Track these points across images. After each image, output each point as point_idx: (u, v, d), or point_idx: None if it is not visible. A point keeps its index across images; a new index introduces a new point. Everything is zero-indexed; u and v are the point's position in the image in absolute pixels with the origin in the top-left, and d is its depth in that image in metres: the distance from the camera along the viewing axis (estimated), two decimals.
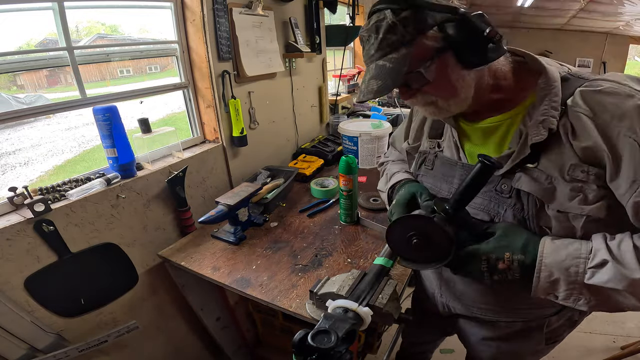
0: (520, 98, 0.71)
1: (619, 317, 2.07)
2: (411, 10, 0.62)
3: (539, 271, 0.64)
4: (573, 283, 0.62)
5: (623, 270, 0.57)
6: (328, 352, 0.60)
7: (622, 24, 5.49)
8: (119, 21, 1.48)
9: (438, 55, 0.64)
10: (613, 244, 0.60)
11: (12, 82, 1.25)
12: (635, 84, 0.61)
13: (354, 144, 2.01)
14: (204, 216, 1.29)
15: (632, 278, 0.56)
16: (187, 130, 1.68)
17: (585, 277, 0.61)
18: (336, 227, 1.43)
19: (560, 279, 0.63)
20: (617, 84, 0.61)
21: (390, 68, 0.64)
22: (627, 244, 0.59)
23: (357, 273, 0.93)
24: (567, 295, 0.64)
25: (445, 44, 0.63)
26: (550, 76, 0.67)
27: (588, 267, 0.61)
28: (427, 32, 0.63)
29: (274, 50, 1.85)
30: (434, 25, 0.63)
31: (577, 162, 0.63)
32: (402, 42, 0.63)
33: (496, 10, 5.61)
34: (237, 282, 1.15)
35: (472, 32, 0.62)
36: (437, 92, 0.69)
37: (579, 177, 0.62)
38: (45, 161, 1.87)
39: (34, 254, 1.04)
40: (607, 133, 0.59)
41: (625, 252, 0.58)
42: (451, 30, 0.62)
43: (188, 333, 1.66)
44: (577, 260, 0.62)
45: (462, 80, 0.67)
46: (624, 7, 4.50)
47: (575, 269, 0.62)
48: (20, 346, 1.01)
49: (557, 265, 0.63)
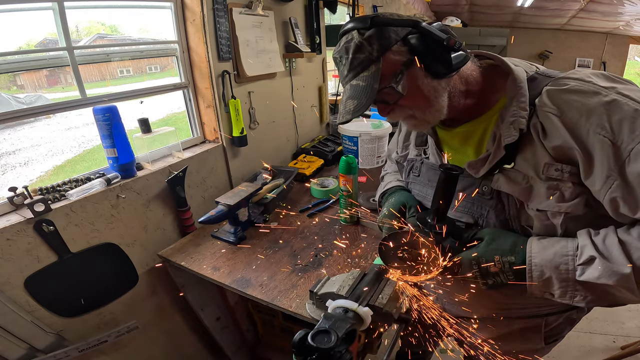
0: (493, 101, 0.72)
1: (619, 317, 2.07)
2: (375, 29, 0.65)
3: (530, 271, 0.65)
4: (565, 281, 0.63)
5: (612, 266, 0.57)
6: (328, 352, 0.60)
7: (622, 24, 5.49)
8: (119, 21, 1.48)
9: (406, 68, 0.66)
10: (598, 240, 0.60)
11: (12, 82, 1.25)
12: (600, 81, 0.62)
13: (354, 144, 2.01)
14: (204, 216, 1.29)
15: (622, 273, 0.57)
16: (187, 130, 1.68)
17: (577, 274, 0.61)
18: (336, 227, 1.43)
19: (553, 277, 0.64)
20: (582, 82, 0.62)
21: (363, 86, 0.66)
22: (611, 239, 0.59)
23: (357, 273, 0.93)
24: (563, 292, 0.64)
25: (411, 57, 0.66)
26: (516, 76, 0.68)
27: (577, 264, 0.61)
28: (392, 47, 0.65)
29: (274, 50, 1.85)
30: (397, 40, 0.65)
31: (550, 161, 0.64)
32: (371, 59, 0.66)
33: (496, 10, 5.61)
34: (237, 282, 1.15)
35: (434, 43, 0.64)
36: (412, 104, 0.70)
37: (554, 176, 0.63)
38: (45, 161, 1.87)
39: (34, 254, 1.04)
40: (576, 132, 0.60)
41: (612, 247, 0.58)
42: (414, 43, 0.65)
43: (188, 333, 1.66)
44: (566, 257, 0.62)
45: (433, 90, 0.68)
46: (624, 7, 4.50)
47: (565, 266, 0.62)
48: (20, 346, 1.01)
49: (547, 263, 0.64)
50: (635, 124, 0.55)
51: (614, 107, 0.57)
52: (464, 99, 0.73)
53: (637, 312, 2.11)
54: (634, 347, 1.79)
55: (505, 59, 0.72)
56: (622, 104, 0.57)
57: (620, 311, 2.09)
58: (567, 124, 0.60)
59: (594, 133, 0.58)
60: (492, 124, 0.71)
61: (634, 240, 0.57)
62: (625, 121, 0.56)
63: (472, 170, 0.74)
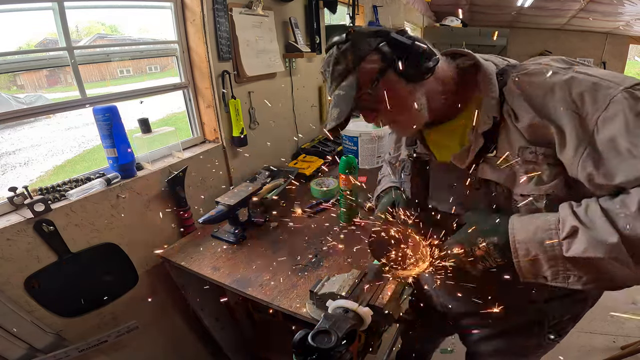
0: (471, 96, 0.76)
1: (619, 317, 2.07)
2: (350, 42, 0.72)
3: (515, 250, 0.65)
4: (553, 258, 0.62)
5: (597, 236, 0.56)
6: (328, 352, 0.60)
7: (622, 24, 5.49)
8: (119, 21, 1.49)
9: (381, 75, 0.71)
10: (580, 210, 0.60)
11: (12, 82, 1.25)
12: (558, 63, 0.67)
13: (354, 144, 2.01)
14: (204, 216, 1.29)
15: (608, 243, 0.55)
16: (187, 130, 1.68)
17: (563, 249, 0.60)
18: (336, 227, 1.43)
19: (540, 256, 0.63)
20: (541, 65, 0.68)
21: (344, 95, 0.72)
22: (594, 208, 0.58)
23: (357, 273, 0.93)
24: (554, 273, 0.63)
25: (385, 64, 0.71)
26: (485, 70, 0.73)
27: (562, 238, 0.60)
28: (366, 57, 0.71)
29: (274, 50, 1.85)
30: (371, 49, 0.71)
31: (525, 144, 0.67)
32: (348, 70, 0.72)
33: (496, 10, 5.61)
34: (237, 282, 1.15)
35: (404, 50, 0.70)
36: (391, 107, 0.74)
37: (529, 159, 0.67)
38: (45, 161, 1.87)
39: (34, 254, 1.04)
40: (544, 110, 0.64)
41: (595, 216, 0.57)
42: (386, 52, 0.71)
43: (188, 333, 1.66)
44: (549, 232, 0.61)
45: (410, 94, 0.73)
46: (624, 7, 4.50)
47: (549, 241, 0.61)
48: (20, 346, 1.01)
49: (530, 240, 0.63)
50: (596, 95, 0.59)
51: (573, 83, 0.61)
52: (444, 99, 0.77)
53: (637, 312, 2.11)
54: (634, 347, 1.79)
55: (476, 55, 0.76)
56: (580, 79, 0.61)
57: (620, 311, 2.09)
58: (534, 104, 0.65)
59: (559, 108, 0.62)
60: (471, 117, 0.75)
61: (616, 207, 0.56)
62: (586, 93, 0.60)
63: (457, 162, 0.77)
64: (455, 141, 0.79)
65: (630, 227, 0.53)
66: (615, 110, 0.57)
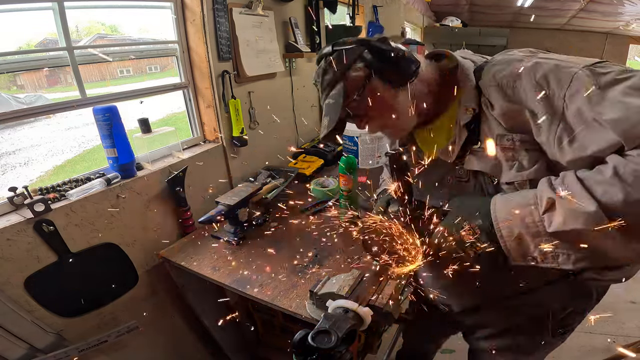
0: (453, 94, 0.79)
1: (619, 317, 2.07)
2: (336, 53, 0.77)
3: (499, 230, 0.65)
4: (537, 235, 0.61)
5: (574, 206, 0.55)
6: (328, 352, 0.61)
7: (622, 24, 5.49)
8: (119, 21, 1.49)
9: (367, 82, 0.76)
10: (557, 182, 0.60)
11: (12, 82, 1.25)
12: (523, 53, 0.72)
13: (354, 144, 2.01)
14: (204, 216, 1.29)
15: (586, 212, 0.54)
16: (187, 130, 1.68)
17: (545, 225, 0.60)
18: (336, 227, 1.43)
19: (524, 234, 0.62)
20: (508, 55, 0.73)
21: (333, 103, 0.77)
22: (570, 178, 0.58)
23: (357, 273, 0.93)
24: (542, 253, 0.62)
25: (369, 72, 0.76)
26: (462, 67, 0.78)
27: (542, 213, 0.60)
28: (351, 66, 0.76)
29: (274, 50, 1.85)
30: (355, 58, 0.76)
31: (502, 132, 0.71)
32: (336, 79, 0.77)
33: (496, 10, 5.61)
34: (237, 282, 1.15)
35: (385, 57, 0.74)
36: (380, 114, 0.79)
37: (507, 145, 0.70)
38: (45, 161, 1.87)
39: (34, 254, 1.04)
40: (515, 95, 0.67)
41: (571, 186, 0.57)
42: (369, 60, 0.75)
43: (188, 333, 1.66)
44: (529, 208, 0.62)
45: (394, 98, 0.77)
46: (624, 7, 4.50)
47: (530, 218, 0.61)
48: (20, 346, 1.01)
49: (513, 218, 0.63)
50: (559, 74, 0.62)
51: (537, 67, 0.65)
52: (429, 100, 0.81)
53: (638, 312, 2.12)
54: (634, 347, 1.79)
55: (455, 54, 0.81)
56: (543, 63, 0.65)
57: (621, 311, 2.10)
58: (505, 91, 0.68)
59: (528, 92, 0.65)
60: (454, 113, 0.79)
61: (593, 175, 0.56)
62: (550, 74, 0.63)
63: (445, 157, 0.81)
64: (442, 137, 0.83)
65: (607, 194, 0.53)
66: (578, 85, 0.59)
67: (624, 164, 0.52)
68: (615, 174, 0.52)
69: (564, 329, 0.92)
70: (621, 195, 0.51)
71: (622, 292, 2.14)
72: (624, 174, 0.51)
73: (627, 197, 0.51)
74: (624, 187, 0.51)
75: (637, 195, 0.51)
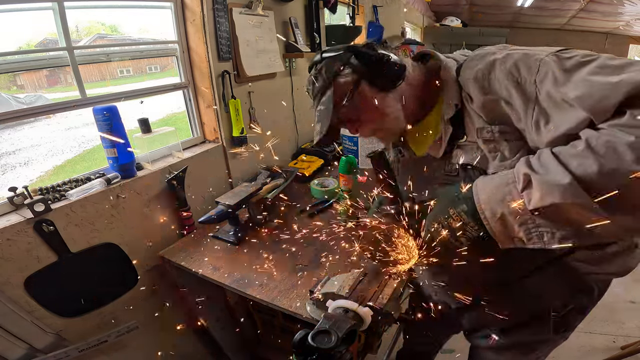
0: (439, 93, 0.82)
1: (619, 317, 2.07)
2: (324, 61, 0.80)
3: (482, 212, 0.64)
4: (519, 214, 0.61)
5: (549, 180, 0.55)
6: (328, 352, 0.61)
7: (622, 24, 5.49)
8: (119, 21, 1.48)
9: (355, 87, 0.78)
10: (533, 159, 0.60)
11: (12, 82, 1.25)
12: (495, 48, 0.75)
13: (354, 144, 2.01)
14: (204, 216, 1.29)
15: (560, 184, 0.54)
16: (187, 130, 1.68)
17: (525, 203, 0.59)
18: (336, 227, 1.43)
19: (506, 214, 0.62)
20: (483, 50, 0.76)
21: (323, 109, 0.79)
22: (546, 154, 0.58)
23: (357, 273, 0.93)
24: (527, 232, 0.62)
25: (356, 77, 0.78)
26: (445, 65, 0.80)
27: (520, 191, 0.60)
28: (339, 72, 0.79)
29: (274, 50, 1.85)
30: (342, 65, 0.79)
31: (482, 125, 0.73)
32: (325, 86, 0.80)
33: (496, 10, 5.61)
34: (237, 282, 1.15)
35: (371, 61, 0.76)
36: (370, 118, 0.81)
37: (487, 137, 0.72)
38: (45, 161, 1.87)
39: (34, 254, 1.04)
40: (490, 87, 0.69)
41: (547, 161, 0.57)
42: (356, 65, 0.78)
43: (188, 333, 1.66)
44: (508, 187, 0.62)
45: (383, 101, 0.79)
46: (624, 7, 4.51)
47: (510, 196, 0.61)
48: (20, 346, 1.01)
49: (493, 199, 0.63)
50: (528, 61, 0.65)
51: (508, 57, 0.68)
52: (418, 100, 0.83)
53: (637, 312, 2.12)
54: (634, 347, 1.79)
55: (438, 53, 0.84)
56: (513, 53, 0.69)
57: (620, 311, 2.10)
58: (481, 84, 0.70)
59: (502, 82, 0.67)
60: (441, 111, 0.81)
61: (567, 149, 0.56)
62: (519, 62, 0.66)
63: (433, 153, 0.83)
64: (430, 135, 0.85)
65: (582, 166, 0.53)
66: (546, 69, 0.62)
67: (596, 137, 0.53)
68: (588, 146, 0.53)
69: (565, 326, 0.92)
70: (595, 166, 0.51)
71: (622, 292, 2.14)
72: (596, 146, 0.52)
73: (601, 168, 0.51)
74: (597, 158, 0.52)
75: (611, 165, 0.51)
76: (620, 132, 0.51)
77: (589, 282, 0.83)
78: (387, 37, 3.58)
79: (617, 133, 0.51)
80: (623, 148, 0.49)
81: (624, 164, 0.49)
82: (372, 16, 3.31)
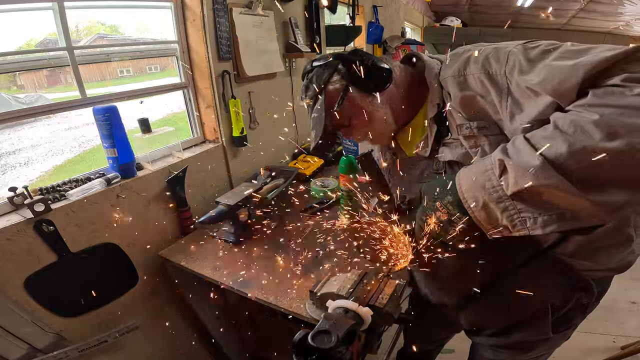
0: (425, 94, 0.84)
1: (619, 317, 2.07)
2: (315, 69, 0.85)
3: (465, 201, 0.64)
4: (500, 201, 0.60)
5: (521, 163, 0.56)
6: (328, 353, 0.60)
7: (622, 24, 5.50)
8: (119, 21, 1.48)
9: (345, 92, 0.82)
10: (508, 145, 0.61)
11: (12, 82, 1.25)
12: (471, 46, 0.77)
13: (354, 144, 2.01)
14: (204, 216, 1.29)
15: (531, 165, 0.54)
16: (187, 130, 1.68)
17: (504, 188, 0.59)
18: (336, 227, 1.43)
19: (487, 202, 0.62)
20: (460, 49, 0.79)
21: (317, 116, 0.82)
22: (519, 139, 0.59)
23: (357, 273, 0.93)
24: (510, 219, 0.61)
25: (345, 83, 0.82)
26: (428, 66, 0.83)
27: (498, 176, 0.60)
28: (329, 80, 0.83)
29: (274, 50, 1.85)
30: (331, 72, 0.83)
31: (462, 121, 0.75)
32: (316, 94, 0.84)
33: (496, 10, 5.61)
34: (237, 282, 1.15)
35: (356, 67, 0.79)
36: (361, 122, 0.84)
37: (467, 134, 0.75)
38: (45, 161, 1.87)
39: (34, 254, 1.04)
40: (466, 82, 0.72)
41: (519, 146, 0.58)
42: (344, 72, 0.82)
43: (188, 333, 1.66)
44: (487, 173, 0.62)
45: (371, 105, 0.82)
46: (624, 7, 4.51)
47: (489, 183, 0.61)
48: (20, 346, 1.01)
49: (474, 187, 0.63)
50: (498, 54, 0.68)
51: (481, 53, 0.71)
52: (406, 102, 0.86)
53: (637, 312, 2.12)
54: (634, 347, 1.79)
55: (422, 55, 0.87)
56: (485, 49, 0.72)
57: (620, 311, 2.10)
58: (458, 80, 0.73)
59: (476, 76, 0.70)
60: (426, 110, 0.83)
61: (538, 132, 0.58)
62: (490, 56, 0.69)
63: (422, 152, 0.86)
64: (418, 135, 0.87)
65: (552, 147, 0.53)
66: (513, 60, 0.65)
67: (563, 117, 0.55)
68: (556, 127, 0.55)
69: (565, 325, 0.92)
70: (564, 146, 0.52)
71: (622, 292, 2.14)
72: (563, 126, 0.54)
73: (570, 147, 0.52)
74: (566, 138, 0.53)
75: (580, 144, 0.51)
76: (586, 111, 0.52)
77: (586, 279, 0.83)
78: (387, 37, 3.58)
79: (582, 112, 0.53)
80: (589, 126, 0.51)
81: (592, 142, 0.50)
82: (372, 16, 3.31)
